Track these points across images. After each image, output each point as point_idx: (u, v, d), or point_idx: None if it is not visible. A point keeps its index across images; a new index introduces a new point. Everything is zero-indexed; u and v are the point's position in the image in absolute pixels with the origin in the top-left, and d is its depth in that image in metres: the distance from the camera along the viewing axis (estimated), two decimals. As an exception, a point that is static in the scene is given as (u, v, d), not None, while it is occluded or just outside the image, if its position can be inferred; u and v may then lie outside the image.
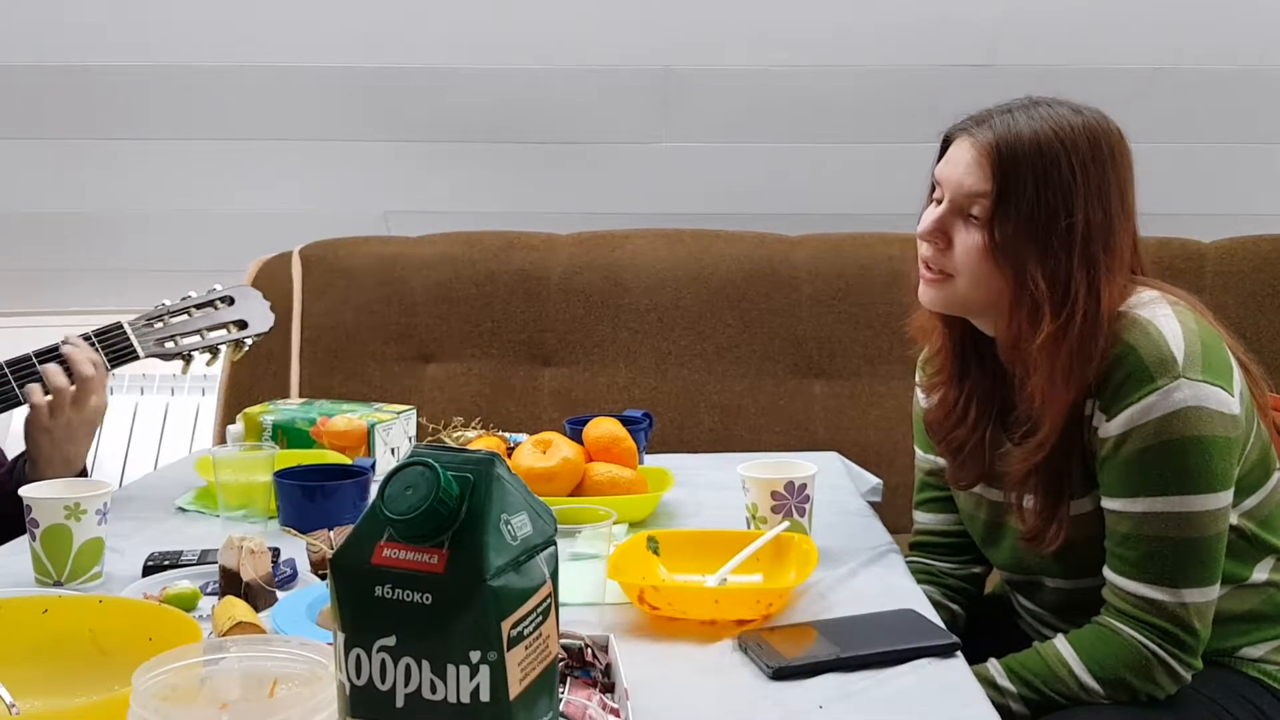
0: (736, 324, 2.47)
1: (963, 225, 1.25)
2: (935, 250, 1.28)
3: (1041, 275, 1.20)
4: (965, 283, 1.26)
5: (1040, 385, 1.24)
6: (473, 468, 0.76)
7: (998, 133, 1.22)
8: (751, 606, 1.18)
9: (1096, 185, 1.21)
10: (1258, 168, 2.68)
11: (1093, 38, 2.50)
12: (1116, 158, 1.23)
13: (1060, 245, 1.20)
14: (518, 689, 0.74)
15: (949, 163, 1.27)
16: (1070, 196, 1.20)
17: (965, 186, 1.24)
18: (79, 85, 2.58)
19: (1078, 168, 1.20)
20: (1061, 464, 1.26)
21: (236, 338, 1.73)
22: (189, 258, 2.86)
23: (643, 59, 2.54)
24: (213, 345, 1.72)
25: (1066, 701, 1.23)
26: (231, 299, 1.75)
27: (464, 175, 2.75)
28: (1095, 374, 1.22)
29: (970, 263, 1.24)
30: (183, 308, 1.72)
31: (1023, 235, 1.21)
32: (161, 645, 0.88)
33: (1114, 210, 1.22)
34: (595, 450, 1.61)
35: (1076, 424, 1.25)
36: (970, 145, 1.24)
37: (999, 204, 1.21)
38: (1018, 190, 1.20)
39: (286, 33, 2.51)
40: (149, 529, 1.54)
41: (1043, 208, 1.20)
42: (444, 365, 2.50)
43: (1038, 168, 1.20)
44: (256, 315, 1.75)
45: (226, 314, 1.74)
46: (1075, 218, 1.20)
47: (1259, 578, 1.30)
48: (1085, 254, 1.21)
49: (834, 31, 2.49)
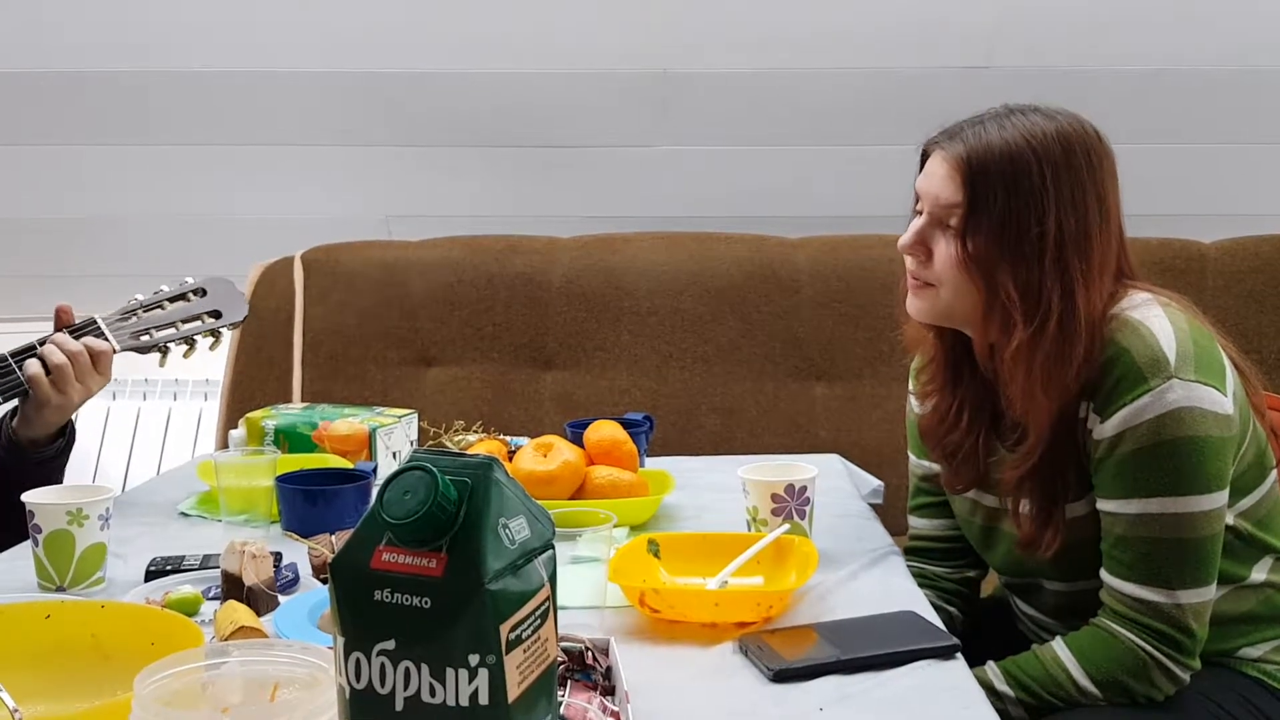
0: (737, 326, 2.47)
1: (941, 236, 1.26)
2: (917, 262, 1.29)
3: (1013, 284, 1.21)
4: (947, 293, 1.27)
5: (1018, 394, 1.25)
6: (470, 472, 0.76)
7: (968, 145, 1.23)
8: (752, 609, 1.19)
9: (1069, 192, 1.21)
10: (1258, 168, 2.68)
11: (1092, 39, 2.50)
12: (1092, 162, 1.23)
13: (1031, 253, 1.20)
14: (516, 692, 0.74)
15: (926, 176, 1.29)
16: (1041, 204, 1.20)
17: (941, 199, 1.25)
18: (80, 91, 2.58)
19: (1049, 175, 1.20)
20: (1055, 470, 1.27)
21: (211, 327, 1.73)
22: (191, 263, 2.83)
23: (642, 62, 2.55)
24: (188, 336, 1.71)
25: (1065, 705, 1.23)
26: (204, 290, 1.74)
27: (465, 179, 2.75)
28: (1084, 378, 1.22)
29: (948, 273, 1.25)
30: (155, 301, 1.72)
31: (994, 244, 1.21)
32: (163, 650, 0.88)
33: (1090, 216, 1.22)
34: (596, 453, 1.62)
35: (1070, 427, 1.26)
36: (943, 159, 1.25)
37: (970, 214, 1.22)
38: (988, 200, 1.21)
39: (287, 37, 2.52)
40: (151, 534, 1.54)
41: (1013, 217, 1.20)
42: (445, 369, 2.51)
43: (1007, 176, 1.21)
44: (230, 304, 1.74)
45: (200, 305, 1.73)
46: (1046, 225, 1.20)
47: (1257, 578, 1.30)
48: (1059, 262, 1.21)
49: (833, 34, 2.50)
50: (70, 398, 1.60)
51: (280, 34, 2.51)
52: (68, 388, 1.59)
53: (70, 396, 1.60)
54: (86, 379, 1.61)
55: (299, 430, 1.85)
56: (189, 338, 1.72)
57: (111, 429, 2.90)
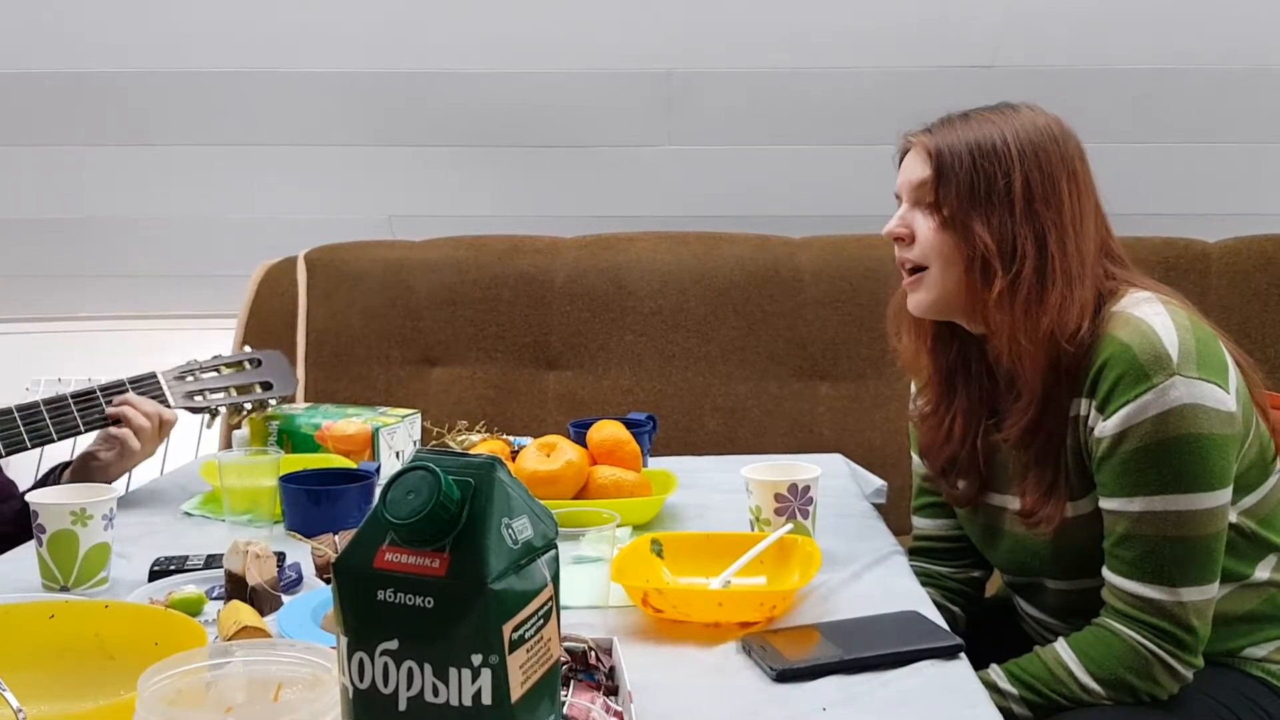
0: (740, 326, 2.47)
1: (920, 215, 1.31)
2: (903, 247, 1.33)
3: (988, 234, 1.25)
4: (935, 269, 1.30)
5: (1005, 344, 1.27)
6: (473, 472, 0.76)
7: (934, 131, 1.30)
8: (755, 609, 1.19)
9: (1032, 152, 1.26)
10: (1262, 168, 2.68)
11: (1095, 39, 2.50)
12: (1055, 134, 1.28)
13: (1001, 203, 1.25)
14: (519, 692, 0.74)
15: (901, 172, 1.35)
16: (1006, 160, 1.25)
17: (913, 180, 1.31)
18: (84, 91, 2.59)
19: (1010, 137, 1.26)
20: (1054, 442, 1.28)
21: (262, 398, 1.82)
22: (195, 263, 2.87)
23: (646, 62, 2.55)
24: (239, 404, 1.80)
25: (1069, 704, 1.23)
26: (259, 360, 1.84)
27: (468, 179, 2.76)
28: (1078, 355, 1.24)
29: (930, 245, 1.29)
30: (213, 365, 1.81)
31: (965, 202, 1.26)
32: (167, 649, 0.88)
33: (1057, 173, 1.26)
34: (599, 453, 1.62)
35: (1072, 424, 1.26)
36: (915, 150, 1.32)
37: (940, 182, 1.27)
38: (955, 165, 1.27)
39: (291, 38, 2.52)
40: (155, 534, 1.54)
41: (980, 175, 1.26)
42: (449, 369, 2.51)
43: (971, 142, 1.27)
44: (281, 378, 1.84)
45: (253, 375, 1.83)
46: (1013, 177, 1.25)
47: (1260, 576, 1.30)
48: (1029, 211, 1.25)
49: (837, 33, 2.50)
50: (136, 461, 1.68)
51: (284, 35, 2.51)
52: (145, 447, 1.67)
53: (137, 460, 1.68)
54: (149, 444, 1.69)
55: (302, 430, 1.86)
56: (240, 405, 1.80)
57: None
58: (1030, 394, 1.27)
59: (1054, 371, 1.26)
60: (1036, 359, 1.25)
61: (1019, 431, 1.29)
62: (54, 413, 1.64)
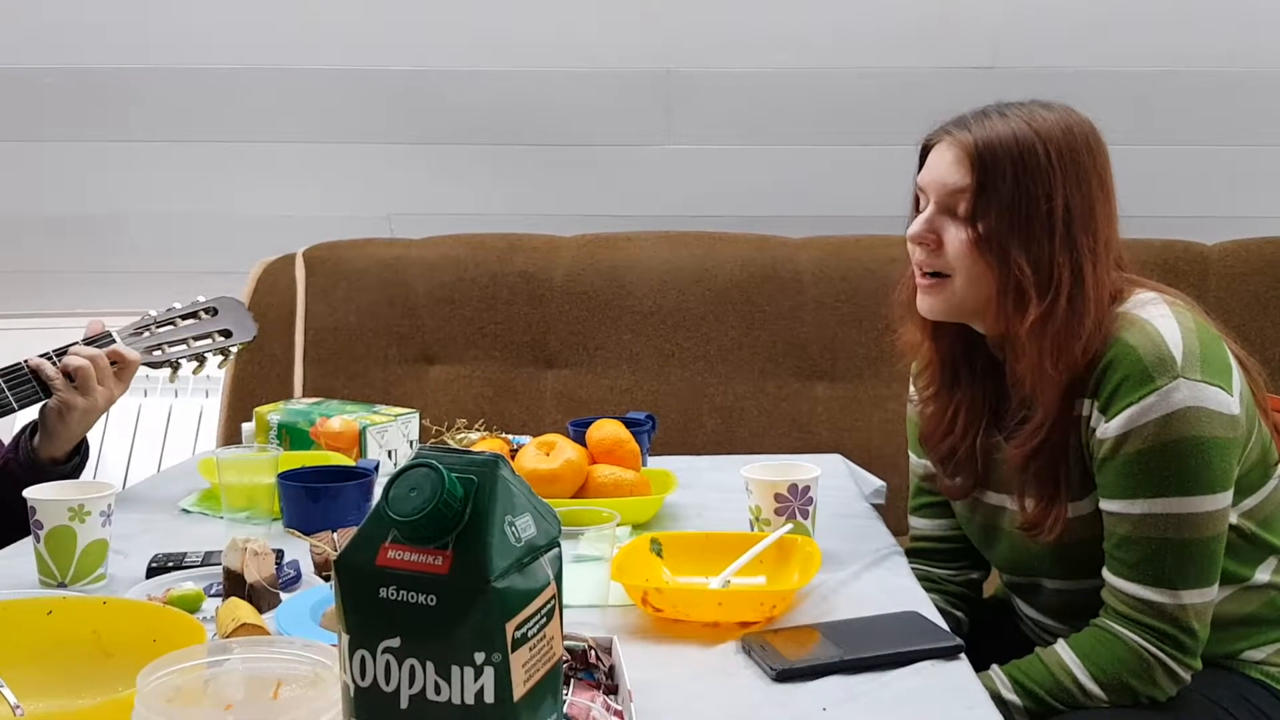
0: (739, 326, 2.47)
1: (950, 223, 1.27)
2: (928, 252, 1.29)
3: (1026, 260, 1.22)
4: (961, 280, 1.27)
5: (1029, 369, 1.25)
6: (476, 469, 0.76)
7: (974, 132, 1.25)
8: (755, 609, 1.19)
9: (1074, 172, 1.23)
10: (1261, 170, 2.68)
11: (1095, 40, 2.50)
12: (1091, 144, 1.26)
13: (1042, 230, 1.22)
14: (522, 690, 0.74)
15: (930, 167, 1.29)
16: (1049, 182, 1.22)
17: (949, 185, 1.26)
18: (83, 88, 2.58)
19: (1054, 155, 1.23)
20: (1057, 455, 1.27)
21: (222, 345, 1.77)
22: (193, 260, 2.86)
23: (646, 61, 2.54)
24: (199, 353, 1.76)
25: (1070, 708, 1.23)
26: (215, 309, 1.79)
27: (467, 177, 2.75)
28: (1085, 362, 1.23)
29: (962, 259, 1.26)
30: (168, 318, 1.76)
31: (1005, 223, 1.23)
32: (165, 647, 0.87)
33: (1094, 195, 1.24)
34: (598, 452, 1.61)
35: (1074, 425, 1.26)
36: (949, 146, 1.27)
37: (980, 196, 1.24)
38: (997, 180, 1.23)
39: (289, 35, 2.52)
40: (153, 531, 1.54)
41: (1023, 195, 1.22)
42: (447, 367, 2.50)
43: (1015, 157, 1.23)
44: (240, 324, 1.80)
45: (211, 324, 1.78)
46: (1055, 202, 1.22)
47: (1260, 579, 1.30)
48: (1068, 238, 1.23)
49: (836, 34, 2.49)
50: (95, 401, 1.63)
51: (283, 32, 2.51)
52: (90, 391, 1.62)
53: (95, 400, 1.63)
54: (108, 382, 1.64)
55: (299, 426, 1.85)
56: (200, 355, 1.76)
57: (113, 426, 2.90)
58: (1046, 414, 1.26)
59: (1066, 400, 1.25)
60: (1058, 384, 1.24)
61: (1028, 450, 1.28)
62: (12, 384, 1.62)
